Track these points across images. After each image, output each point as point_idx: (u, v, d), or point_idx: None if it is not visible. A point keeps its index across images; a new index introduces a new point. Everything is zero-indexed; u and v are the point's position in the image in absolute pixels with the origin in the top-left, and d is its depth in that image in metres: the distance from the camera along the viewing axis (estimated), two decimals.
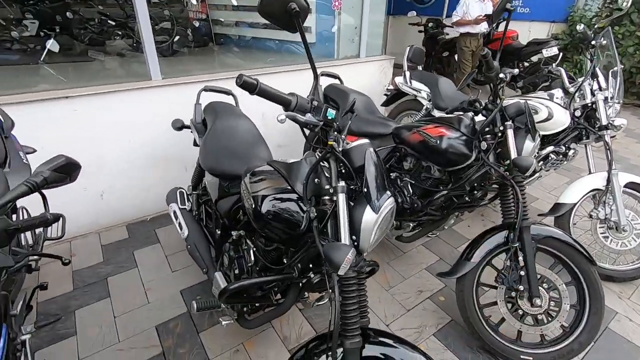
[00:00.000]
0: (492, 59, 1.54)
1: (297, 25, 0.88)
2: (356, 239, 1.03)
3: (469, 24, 4.63)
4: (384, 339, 1.10)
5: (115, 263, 2.08)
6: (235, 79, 0.84)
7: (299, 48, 3.94)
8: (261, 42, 4.37)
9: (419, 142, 1.80)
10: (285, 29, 0.91)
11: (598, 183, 2.07)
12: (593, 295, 1.52)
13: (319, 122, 0.99)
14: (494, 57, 1.64)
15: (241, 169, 1.50)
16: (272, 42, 4.38)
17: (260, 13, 0.86)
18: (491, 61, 1.54)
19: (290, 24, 0.88)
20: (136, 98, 2.25)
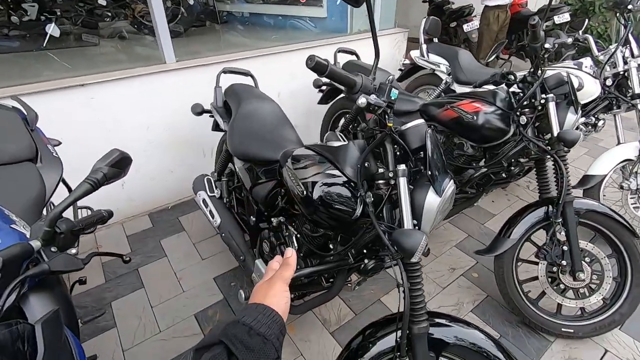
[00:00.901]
0: (539, 29, 1.47)
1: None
2: (417, 223, 1.00)
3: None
4: (436, 319, 1.09)
5: (143, 253, 2.06)
6: (306, 60, 0.79)
7: (303, 24, 3.79)
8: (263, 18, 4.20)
9: (452, 118, 1.75)
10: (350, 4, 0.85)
11: (630, 153, 2.03)
12: (635, 267, 1.52)
13: (383, 103, 0.93)
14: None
15: (274, 154, 1.45)
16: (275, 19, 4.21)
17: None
18: (539, 31, 1.46)
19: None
20: (152, 83, 2.16)
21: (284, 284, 0.56)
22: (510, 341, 1.59)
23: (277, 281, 0.55)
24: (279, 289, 0.54)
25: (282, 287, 0.55)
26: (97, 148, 2.09)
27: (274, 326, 0.48)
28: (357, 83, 0.87)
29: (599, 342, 1.58)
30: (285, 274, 0.57)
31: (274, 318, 0.49)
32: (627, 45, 2.11)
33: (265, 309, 0.50)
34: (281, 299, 0.53)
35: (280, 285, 0.55)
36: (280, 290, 0.54)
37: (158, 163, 2.34)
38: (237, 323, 0.47)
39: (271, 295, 0.53)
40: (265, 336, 0.46)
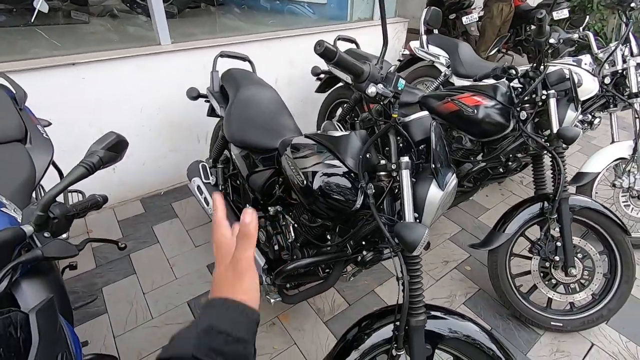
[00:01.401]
0: (545, 24, 1.45)
1: None
2: (419, 216, 0.99)
3: None
4: (432, 312, 1.10)
5: (135, 239, 2.02)
6: (315, 45, 0.76)
7: (301, 9, 3.71)
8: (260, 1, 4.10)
9: (452, 111, 1.74)
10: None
11: (624, 152, 2.05)
12: (625, 263, 1.55)
13: (390, 94, 0.91)
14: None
15: (272, 142, 1.43)
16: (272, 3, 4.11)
17: None
18: (545, 25, 1.45)
19: None
20: (146, 64, 2.10)
21: (252, 268, 0.45)
22: (501, 333, 1.62)
23: (245, 266, 0.43)
24: (249, 279, 0.44)
25: (252, 275, 0.44)
26: (88, 130, 2.05)
27: (252, 326, 0.41)
28: (364, 71, 0.85)
29: (586, 336, 1.62)
30: (249, 253, 0.44)
31: (252, 316, 0.42)
32: (627, 44, 2.11)
33: (239, 306, 0.41)
34: (254, 291, 0.44)
35: (250, 274, 0.44)
36: (251, 280, 0.44)
37: (151, 147, 2.29)
38: (210, 331, 0.38)
39: (243, 289, 0.43)
40: (245, 340, 0.40)
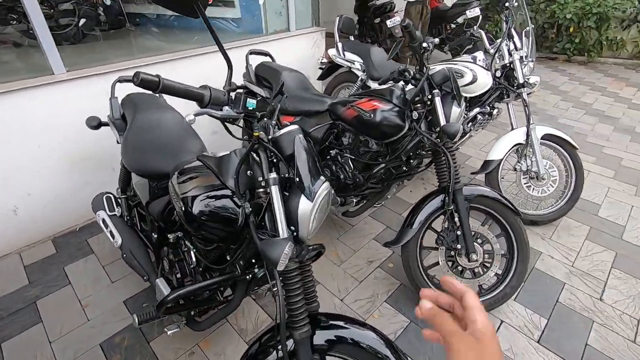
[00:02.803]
0: (414, 29, 1.54)
1: (197, 11, 0.78)
2: (295, 229, 1.01)
3: None
4: (334, 321, 1.11)
5: (43, 283, 1.88)
6: (132, 77, 0.74)
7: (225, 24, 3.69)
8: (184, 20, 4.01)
9: (353, 117, 1.80)
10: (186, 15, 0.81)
11: (519, 138, 2.23)
12: (520, 243, 1.68)
13: (239, 115, 0.92)
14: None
15: (170, 166, 1.39)
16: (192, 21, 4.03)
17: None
18: (413, 31, 1.54)
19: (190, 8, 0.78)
20: (41, 96, 1.97)
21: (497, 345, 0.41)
22: (419, 326, 1.68)
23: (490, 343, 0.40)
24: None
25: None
26: None
27: None
28: (204, 96, 0.85)
29: (495, 315, 1.72)
30: (490, 327, 0.42)
31: None
32: (511, 39, 2.30)
33: None
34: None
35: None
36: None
37: (58, 183, 2.15)
38: None
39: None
40: None
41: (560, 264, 2.01)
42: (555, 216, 2.26)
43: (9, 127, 1.91)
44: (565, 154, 2.25)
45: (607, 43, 5.69)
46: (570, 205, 2.24)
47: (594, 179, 2.78)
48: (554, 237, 2.21)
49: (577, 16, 5.54)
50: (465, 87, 2.31)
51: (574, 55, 5.90)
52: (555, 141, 2.24)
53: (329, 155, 2.04)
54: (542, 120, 3.79)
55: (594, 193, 2.61)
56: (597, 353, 1.55)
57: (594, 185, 2.70)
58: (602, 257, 2.05)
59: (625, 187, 2.68)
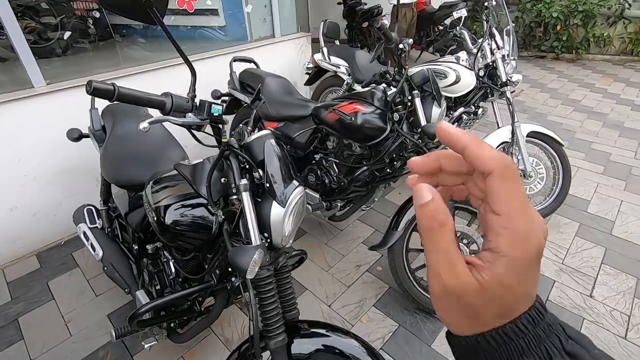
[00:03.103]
0: (389, 31, 1.54)
1: (153, 17, 0.77)
2: (268, 236, 0.99)
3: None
4: (315, 329, 1.09)
5: (25, 300, 1.85)
6: (85, 87, 0.73)
7: (212, 32, 3.69)
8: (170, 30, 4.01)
9: (335, 120, 1.79)
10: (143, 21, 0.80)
11: (505, 136, 2.23)
12: None
13: (204, 122, 0.91)
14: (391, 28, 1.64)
15: (148, 176, 1.38)
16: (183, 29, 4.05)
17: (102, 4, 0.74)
18: (388, 33, 1.54)
19: (145, 15, 0.77)
20: (21, 110, 1.95)
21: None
22: (408, 330, 1.65)
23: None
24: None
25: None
26: None
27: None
28: (165, 103, 0.83)
29: None
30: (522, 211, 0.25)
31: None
32: (493, 38, 2.31)
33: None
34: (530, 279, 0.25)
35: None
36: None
37: (41, 197, 2.12)
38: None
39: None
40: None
41: (550, 262, 1.99)
42: (545, 213, 2.25)
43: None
44: (551, 151, 2.24)
45: (594, 40, 5.74)
46: (559, 202, 2.23)
47: (583, 175, 2.78)
48: None
49: (563, 14, 5.59)
50: (449, 87, 2.32)
51: (562, 53, 5.93)
52: (541, 138, 2.24)
53: (314, 159, 2.03)
54: (531, 118, 3.80)
55: (583, 189, 2.60)
56: None
57: (583, 181, 2.70)
58: (592, 254, 2.04)
59: (614, 182, 2.67)
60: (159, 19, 0.77)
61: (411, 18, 4.78)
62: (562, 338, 0.25)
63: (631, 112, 3.83)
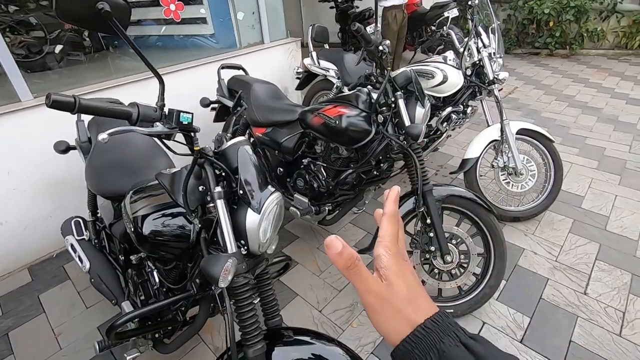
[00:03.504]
0: (367, 33, 1.54)
1: (114, 28, 0.77)
2: (245, 243, 0.98)
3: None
4: (299, 336, 1.07)
5: (16, 314, 1.84)
6: (45, 100, 0.73)
7: (204, 41, 3.71)
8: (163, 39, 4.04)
9: (321, 124, 1.78)
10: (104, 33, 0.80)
11: (494, 134, 2.22)
12: (495, 241, 1.65)
13: (172, 130, 0.90)
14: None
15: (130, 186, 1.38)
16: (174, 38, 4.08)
17: (60, 17, 0.73)
18: (367, 35, 1.53)
19: (107, 26, 0.77)
20: (8, 124, 1.96)
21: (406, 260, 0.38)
22: None
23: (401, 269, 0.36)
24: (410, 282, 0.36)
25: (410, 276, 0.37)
26: None
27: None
28: (132, 114, 0.83)
29: (477, 316, 1.68)
30: (391, 259, 0.36)
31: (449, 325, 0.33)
32: (479, 37, 2.30)
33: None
34: (421, 294, 0.36)
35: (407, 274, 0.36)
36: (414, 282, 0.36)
37: (32, 209, 2.12)
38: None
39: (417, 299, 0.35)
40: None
41: (544, 260, 1.97)
42: (537, 211, 2.23)
43: None
44: (542, 148, 2.23)
45: (588, 35, 5.73)
46: (552, 199, 2.21)
47: (577, 170, 2.76)
48: (537, 232, 2.17)
49: (555, 10, 5.59)
50: (436, 87, 2.31)
51: (556, 49, 5.93)
52: (531, 135, 2.23)
53: (302, 164, 2.02)
54: (525, 114, 3.79)
55: (577, 185, 2.58)
56: (581, 349, 1.50)
57: (577, 176, 2.68)
58: (586, 250, 2.02)
59: (609, 177, 2.65)
60: (121, 30, 0.77)
61: (402, 19, 4.77)
62: (460, 335, 0.32)
63: (626, 106, 3.81)
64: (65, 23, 3.32)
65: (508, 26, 6.32)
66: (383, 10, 4.80)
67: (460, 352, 0.31)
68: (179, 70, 2.64)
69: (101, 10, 0.73)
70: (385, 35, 4.88)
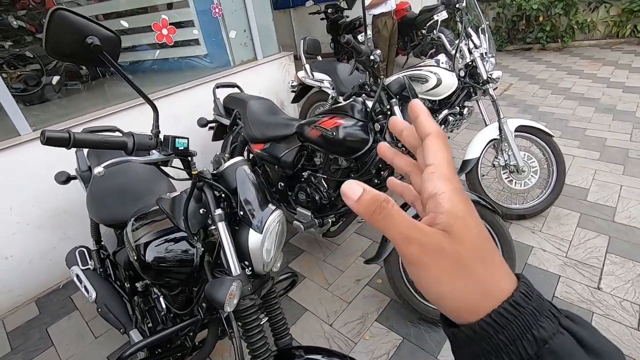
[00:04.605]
0: (356, 43, 1.55)
1: (105, 61, 0.77)
2: (249, 264, 0.98)
3: (381, 2, 4.39)
4: (311, 355, 1.06)
5: (25, 349, 1.83)
6: (39, 137, 0.73)
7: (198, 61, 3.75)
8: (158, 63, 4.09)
9: (318, 137, 1.79)
10: (96, 66, 0.80)
11: (493, 133, 2.21)
12: (502, 241, 1.62)
13: (169, 157, 0.90)
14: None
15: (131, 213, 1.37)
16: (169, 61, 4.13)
17: (50, 55, 0.74)
18: (356, 46, 1.55)
19: (97, 60, 0.77)
20: (8, 159, 1.98)
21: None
22: (412, 342, 1.60)
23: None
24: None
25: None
26: None
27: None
28: (127, 143, 0.83)
29: None
30: (461, 205, 0.26)
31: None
32: (469, 38, 2.32)
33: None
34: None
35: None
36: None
37: (35, 242, 2.12)
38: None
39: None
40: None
41: (553, 256, 1.94)
42: (543, 207, 2.21)
43: None
44: (542, 143, 2.21)
45: (578, 27, 5.75)
46: (556, 194, 2.19)
47: (579, 163, 2.74)
48: (544, 229, 2.15)
49: (543, 5, 5.63)
50: (431, 90, 2.32)
51: (547, 43, 5.95)
52: (530, 132, 2.22)
53: (303, 177, 2.02)
54: (522, 110, 3.78)
55: (581, 178, 2.56)
56: None
57: (580, 169, 2.66)
58: (596, 243, 1.99)
59: (612, 168, 2.63)
60: (112, 62, 0.78)
61: (392, 26, 4.82)
62: (557, 314, 0.24)
63: (623, 95, 3.80)
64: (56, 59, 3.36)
65: (498, 24, 6.37)
66: (373, 18, 4.85)
67: (567, 342, 0.22)
68: (176, 92, 2.66)
69: (91, 45, 0.74)
70: (377, 42, 4.93)
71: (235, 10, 3.03)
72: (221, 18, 2.98)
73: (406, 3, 5.70)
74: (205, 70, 3.32)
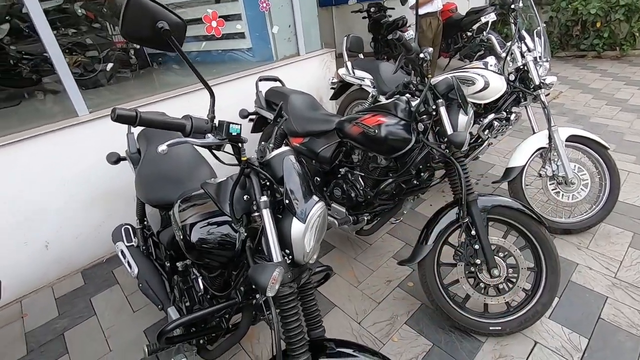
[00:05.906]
0: (407, 41, 1.52)
1: (172, 45, 0.81)
2: (290, 253, 0.99)
3: (428, 1, 4.26)
4: (342, 349, 1.06)
5: (71, 315, 1.96)
6: (110, 114, 0.78)
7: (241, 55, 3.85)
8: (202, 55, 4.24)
9: (359, 134, 1.78)
10: (163, 50, 0.85)
11: (542, 142, 2.10)
12: (547, 254, 1.55)
13: (223, 141, 0.93)
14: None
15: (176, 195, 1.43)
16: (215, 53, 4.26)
17: (125, 37, 0.79)
18: (407, 43, 1.52)
19: (165, 44, 0.81)
20: (66, 137, 2.13)
21: None
22: (443, 349, 1.57)
23: None
24: None
25: None
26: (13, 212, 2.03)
27: None
28: (185, 126, 0.87)
29: (528, 335, 1.58)
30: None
31: None
32: (522, 40, 2.22)
33: None
34: None
35: None
36: None
37: (84, 217, 2.27)
38: None
39: None
40: None
41: (601, 276, 1.82)
42: (591, 223, 2.08)
43: (43, 168, 2.06)
44: (595, 155, 2.08)
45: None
46: (608, 210, 2.05)
47: (635, 179, 2.55)
48: (592, 246, 2.02)
49: (602, 10, 5.27)
50: (478, 93, 2.24)
51: (604, 51, 5.58)
52: (583, 142, 2.09)
53: (340, 173, 2.02)
54: (572, 120, 3.58)
55: (636, 195, 2.38)
56: None
57: (635, 186, 2.47)
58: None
59: None
60: (178, 47, 0.82)
61: (437, 27, 4.70)
62: None
63: None
64: (127, 42, 3.54)
65: (550, 29, 6.04)
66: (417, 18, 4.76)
67: None
68: (219, 83, 2.75)
69: (161, 29, 0.78)
70: (420, 43, 4.84)
71: (282, 5, 3.07)
72: (268, 12, 3.03)
73: (452, 4, 5.54)
74: (248, 63, 3.40)
